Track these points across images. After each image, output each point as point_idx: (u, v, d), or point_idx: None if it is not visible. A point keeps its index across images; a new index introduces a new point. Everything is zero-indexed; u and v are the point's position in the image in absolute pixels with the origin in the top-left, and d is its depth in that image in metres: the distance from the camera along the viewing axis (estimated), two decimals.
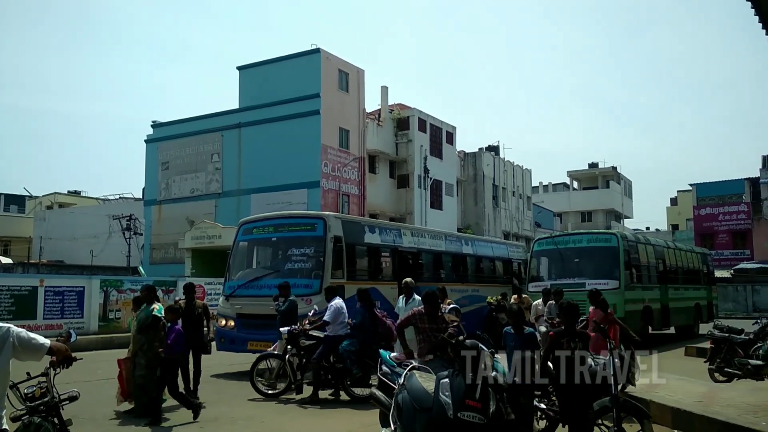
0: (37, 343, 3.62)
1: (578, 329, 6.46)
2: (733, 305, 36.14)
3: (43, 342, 3.66)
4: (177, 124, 37.63)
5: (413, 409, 5.02)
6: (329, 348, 9.86)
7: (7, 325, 3.58)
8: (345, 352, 9.63)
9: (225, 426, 8.10)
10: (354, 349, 9.65)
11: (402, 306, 10.71)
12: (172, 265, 33.85)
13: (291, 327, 10.34)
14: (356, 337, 9.77)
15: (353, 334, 9.85)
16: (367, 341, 9.66)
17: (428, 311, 7.41)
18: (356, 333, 9.82)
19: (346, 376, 9.76)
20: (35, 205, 53.82)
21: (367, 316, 9.78)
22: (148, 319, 8.45)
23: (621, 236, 17.76)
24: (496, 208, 46.48)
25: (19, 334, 3.56)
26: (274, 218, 14.41)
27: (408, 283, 10.90)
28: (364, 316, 9.80)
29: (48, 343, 3.71)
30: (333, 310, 10.06)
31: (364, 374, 9.76)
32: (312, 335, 10.29)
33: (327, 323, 10.06)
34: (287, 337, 10.18)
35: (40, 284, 18.32)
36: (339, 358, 9.75)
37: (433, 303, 7.47)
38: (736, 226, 46.84)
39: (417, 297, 10.43)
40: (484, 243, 21.72)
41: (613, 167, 67.59)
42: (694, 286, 22.21)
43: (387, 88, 38.73)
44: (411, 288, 10.80)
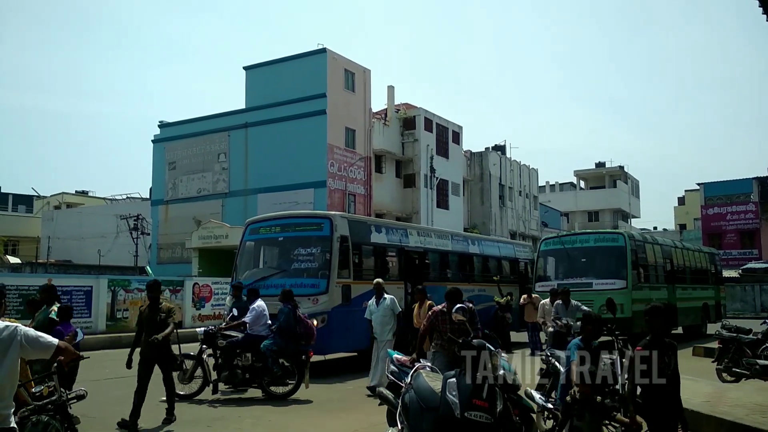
0: (45, 342, 3.65)
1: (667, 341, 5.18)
2: (741, 305, 35.99)
3: (51, 341, 3.69)
4: (184, 124, 37.75)
5: (420, 409, 5.03)
6: (248, 346, 9.95)
7: (14, 324, 3.62)
8: (267, 351, 9.70)
9: (232, 425, 8.12)
10: (275, 349, 9.74)
11: (373, 307, 10.65)
12: (179, 264, 33.98)
13: (208, 327, 10.59)
14: (277, 336, 9.85)
15: (275, 333, 9.93)
16: (287, 341, 9.82)
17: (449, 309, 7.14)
18: (278, 333, 9.89)
19: (266, 374, 9.82)
20: (43, 205, 54.11)
21: (290, 316, 9.88)
22: (45, 321, 7.89)
23: (628, 236, 17.71)
24: (503, 207, 46.41)
25: (27, 332, 3.59)
26: (280, 218, 14.43)
27: (378, 283, 10.88)
28: (287, 316, 9.89)
29: (56, 342, 3.72)
30: (255, 313, 10.22)
31: (284, 373, 9.88)
32: (228, 335, 10.34)
33: (245, 323, 10.24)
34: (203, 337, 10.24)
35: (48, 283, 18.36)
36: (259, 356, 9.81)
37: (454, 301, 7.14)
38: (744, 226, 46.63)
39: (388, 296, 10.67)
40: (490, 243, 21.69)
41: (620, 166, 67.39)
42: (702, 286, 22.12)
43: (393, 88, 38.78)
44: (382, 288, 10.80)
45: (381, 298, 10.67)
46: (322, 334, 12.15)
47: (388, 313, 10.53)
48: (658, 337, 5.11)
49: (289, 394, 9.83)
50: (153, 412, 8.07)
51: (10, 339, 3.50)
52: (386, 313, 10.53)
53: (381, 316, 10.52)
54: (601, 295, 14.95)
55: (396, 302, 10.76)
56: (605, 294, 14.18)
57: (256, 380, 9.92)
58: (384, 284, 11.05)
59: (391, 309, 10.56)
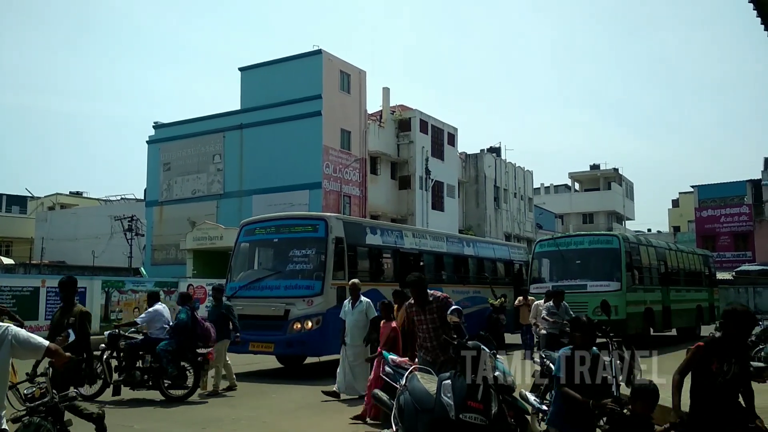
0: (36, 343, 3.71)
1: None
2: None
3: (41, 342, 3.74)
4: (179, 125, 37.69)
5: (415, 410, 5.02)
6: (148, 348, 9.93)
7: (5, 324, 3.66)
8: (162, 352, 9.66)
9: (227, 426, 8.10)
10: (170, 349, 9.70)
11: (348, 309, 10.17)
12: (173, 266, 33.90)
13: (113, 330, 10.57)
14: (173, 338, 9.84)
15: (171, 335, 9.92)
16: (184, 342, 9.81)
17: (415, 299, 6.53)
18: (174, 334, 9.89)
19: (163, 375, 9.77)
20: (37, 205, 53.88)
21: (186, 318, 9.90)
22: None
23: (622, 238, 17.77)
24: (498, 209, 46.48)
25: (17, 333, 3.63)
26: (275, 219, 14.41)
27: (354, 284, 10.42)
28: (183, 318, 9.91)
29: (46, 344, 3.78)
30: (148, 315, 10.26)
31: (180, 374, 9.82)
32: (128, 336, 10.35)
33: (135, 323, 10.38)
34: (108, 340, 10.26)
35: (41, 285, 18.33)
36: (156, 357, 9.78)
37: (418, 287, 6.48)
38: (737, 228, 46.79)
39: (364, 300, 10.18)
40: (485, 244, 21.71)
41: (614, 169, 67.59)
42: (696, 288, 22.20)
43: (388, 90, 38.82)
44: (358, 290, 10.33)
45: (357, 301, 10.16)
46: (317, 335, 12.16)
47: (362, 317, 10.03)
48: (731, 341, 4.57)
49: (185, 397, 9.73)
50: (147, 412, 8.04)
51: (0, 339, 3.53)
52: (360, 318, 10.03)
53: (355, 320, 10.03)
54: (595, 296, 14.99)
55: (372, 307, 10.15)
56: (600, 296, 14.21)
57: (154, 381, 9.81)
58: (360, 284, 10.58)
59: (365, 313, 10.05)
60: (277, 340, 12.24)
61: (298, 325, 12.10)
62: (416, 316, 6.40)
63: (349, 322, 10.08)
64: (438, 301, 6.33)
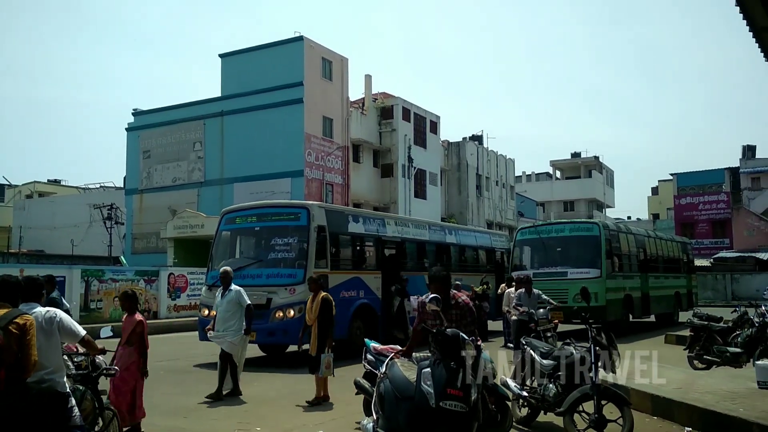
0: (75, 331, 4.52)
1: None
2: (712, 293, 36.67)
3: (80, 331, 4.56)
4: (158, 112, 37.26)
5: (395, 398, 5.03)
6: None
7: (54, 310, 4.47)
8: None
9: (208, 416, 8.08)
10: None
11: (218, 299, 9.42)
12: (154, 254, 33.65)
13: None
14: None
15: None
16: None
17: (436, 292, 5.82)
18: None
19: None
20: (15, 194, 53.12)
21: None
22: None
23: (603, 225, 17.92)
24: (480, 197, 46.65)
25: (62, 320, 4.42)
26: (257, 207, 14.33)
27: (226, 272, 9.60)
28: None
29: (83, 334, 4.59)
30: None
31: None
32: None
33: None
34: None
35: (20, 274, 18.09)
36: None
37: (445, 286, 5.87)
38: (716, 216, 47.41)
39: (234, 287, 9.35)
40: (467, 232, 21.79)
41: (595, 157, 68.04)
42: (675, 275, 22.48)
43: (371, 77, 38.71)
44: (230, 279, 9.50)
45: (227, 289, 9.31)
46: (300, 324, 12.12)
47: (233, 307, 9.17)
48: None
49: None
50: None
51: (51, 323, 4.31)
52: (230, 308, 9.16)
53: (224, 310, 9.18)
54: (575, 284, 15.14)
55: (244, 294, 9.33)
56: (580, 283, 14.36)
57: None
58: (232, 273, 9.75)
59: (237, 302, 9.20)
60: (259, 328, 12.16)
61: (281, 313, 12.07)
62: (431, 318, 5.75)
63: (219, 312, 9.29)
64: (460, 308, 5.80)
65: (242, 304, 9.20)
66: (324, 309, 8.72)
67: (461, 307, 5.79)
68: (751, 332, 10.46)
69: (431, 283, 5.91)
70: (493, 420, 6.13)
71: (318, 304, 8.73)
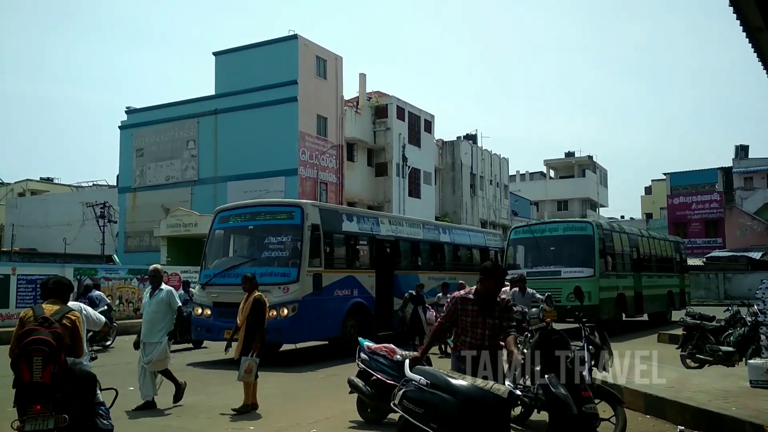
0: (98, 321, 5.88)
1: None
2: (705, 293, 36.81)
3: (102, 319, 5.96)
4: (152, 110, 37.13)
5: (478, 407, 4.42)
6: None
7: (79, 304, 5.57)
8: None
9: (201, 414, 8.06)
10: None
11: (146, 299, 8.58)
12: (147, 253, 33.49)
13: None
14: None
15: None
16: None
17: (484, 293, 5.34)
18: None
19: None
20: (7, 192, 52.82)
21: None
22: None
23: (596, 225, 17.97)
24: (474, 196, 46.68)
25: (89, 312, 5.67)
26: (250, 206, 14.31)
27: (156, 270, 8.75)
28: None
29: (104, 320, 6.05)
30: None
31: None
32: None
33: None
34: None
35: (12, 272, 18.04)
36: None
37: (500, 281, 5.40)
38: (708, 215, 47.59)
39: (165, 287, 8.59)
40: (461, 231, 21.82)
41: (589, 156, 68.20)
42: (667, 274, 22.56)
43: (365, 76, 38.61)
44: (159, 277, 8.69)
45: (157, 289, 8.51)
46: (293, 322, 12.14)
47: (162, 308, 8.39)
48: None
49: None
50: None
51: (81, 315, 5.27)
52: (160, 309, 8.38)
53: (153, 312, 8.38)
54: (569, 283, 15.16)
55: (175, 295, 8.60)
56: (573, 282, 14.38)
57: None
58: (162, 271, 8.94)
59: (167, 303, 8.42)
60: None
61: (274, 312, 12.03)
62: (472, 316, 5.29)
63: (146, 315, 8.52)
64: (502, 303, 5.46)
65: (173, 306, 8.43)
66: (255, 310, 8.22)
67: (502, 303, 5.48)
68: (743, 331, 10.50)
69: (489, 278, 5.31)
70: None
71: (249, 304, 8.29)
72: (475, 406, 4.31)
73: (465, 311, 5.31)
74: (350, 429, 7.29)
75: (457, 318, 5.35)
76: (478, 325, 5.26)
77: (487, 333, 5.27)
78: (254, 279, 8.68)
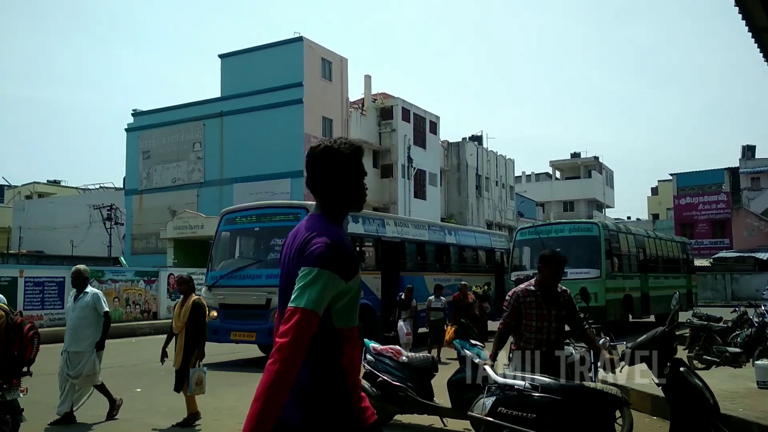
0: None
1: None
2: (712, 293, 36.68)
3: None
4: (158, 112, 37.26)
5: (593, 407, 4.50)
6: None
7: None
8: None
9: (208, 416, 8.07)
10: None
11: (70, 304, 7.75)
12: (154, 255, 33.63)
13: None
14: None
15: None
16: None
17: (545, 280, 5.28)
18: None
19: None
20: (14, 194, 53.08)
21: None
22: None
23: (602, 225, 17.93)
24: (479, 197, 46.63)
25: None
26: (256, 208, 14.34)
27: (78, 271, 7.81)
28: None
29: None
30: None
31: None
32: None
33: None
34: None
35: (20, 275, 18.14)
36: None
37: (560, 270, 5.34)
38: (715, 216, 47.41)
39: (91, 290, 7.75)
40: (466, 232, 21.80)
41: (594, 157, 68.05)
42: (674, 275, 22.49)
43: (370, 77, 38.72)
44: (84, 279, 7.78)
45: (82, 293, 7.68)
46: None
47: (87, 313, 7.59)
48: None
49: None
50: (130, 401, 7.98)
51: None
52: (85, 314, 7.58)
53: (77, 318, 7.57)
54: (575, 284, 15.04)
55: (101, 298, 7.78)
56: (579, 283, 14.30)
57: None
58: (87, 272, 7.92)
59: (93, 308, 7.63)
60: (259, 329, 12.21)
61: None
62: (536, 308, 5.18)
63: (70, 320, 7.66)
64: (565, 294, 5.38)
65: (99, 311, 7.63)
66: (194, 316, 7.48)
67: (565, 293, 5.38)
68: (750, 332, 10.46)
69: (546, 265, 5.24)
70: None
71: (187, 309, 7.49)
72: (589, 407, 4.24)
73: (528, 304, 5.19)
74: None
75: (520, 314, 5.19)
76: (544, 318, 5.13)
77: (553, 326, 5.16)
78: (191, 281, 7.87)
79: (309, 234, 2.23)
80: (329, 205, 2.37)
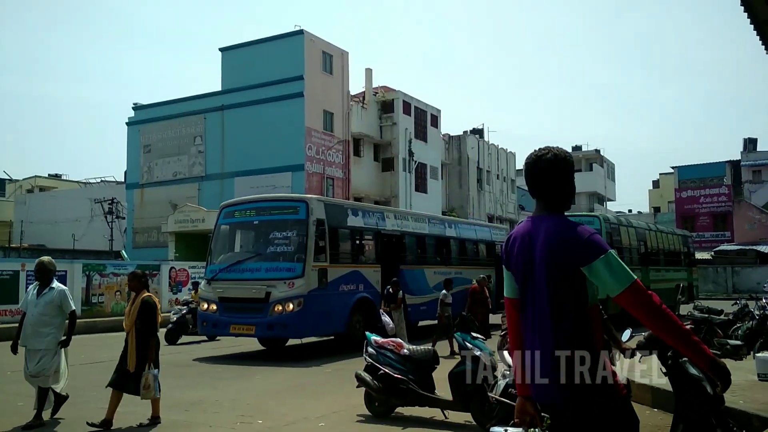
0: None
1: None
2: (713, 286, 36.68)
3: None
4: (159, 106, 37.26)
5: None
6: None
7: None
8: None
9: (210, 408, 8.08)
10: None
11: (32, 298, 7.15)
12: (155, 249, 33.67)
13: None
14: None
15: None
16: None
17: None
18: None
19: None
20: (16, 188, 53.16)
21: None
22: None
23: (604, 219, 17.93)
24: (481, 191, 46.60)
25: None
26: (256, 201, 14.32)
27: (42, 263, 7.34)
28: None
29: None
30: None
31: None
32: None
33: None
34: None
35: (21, 268, 18.15)
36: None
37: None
38: (716, 209, 47.39)
39: (58, 286, 7.26)
40: (467, 226, 21.78)
41: (596, 150, 67.91)
42: (675, 268, 22.49)
43: (371, 71, 38.63)
44: (48, 273, 7.28)
45: (47, 288, 7.16)
46: (299, 318, 12.16)
47: (51, 311, 7.07)
48: None
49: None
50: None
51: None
52: (48, 311, 7.05)
53: (39, 314, 7.02)
54: None
55: (68, 296, 7.28)
56: None
57: None
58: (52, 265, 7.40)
59: (58, 306, 7.12)
60: (258, 322, 12.22)
61: (279, 307, 12.08)
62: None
63: (32, 316, 7.06)
64: None
65: (65, 308, 7.17)
66: (144, 313, 6.96)
67: None
68: (751, 325, 10.47)
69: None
70: None
71: (136, 307, 6.99)
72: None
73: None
74: (358, 423, 7.30)
75: None
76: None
77: None
78: (143, 276, 7.35)
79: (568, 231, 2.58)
80: (558, 204, 2.75)
